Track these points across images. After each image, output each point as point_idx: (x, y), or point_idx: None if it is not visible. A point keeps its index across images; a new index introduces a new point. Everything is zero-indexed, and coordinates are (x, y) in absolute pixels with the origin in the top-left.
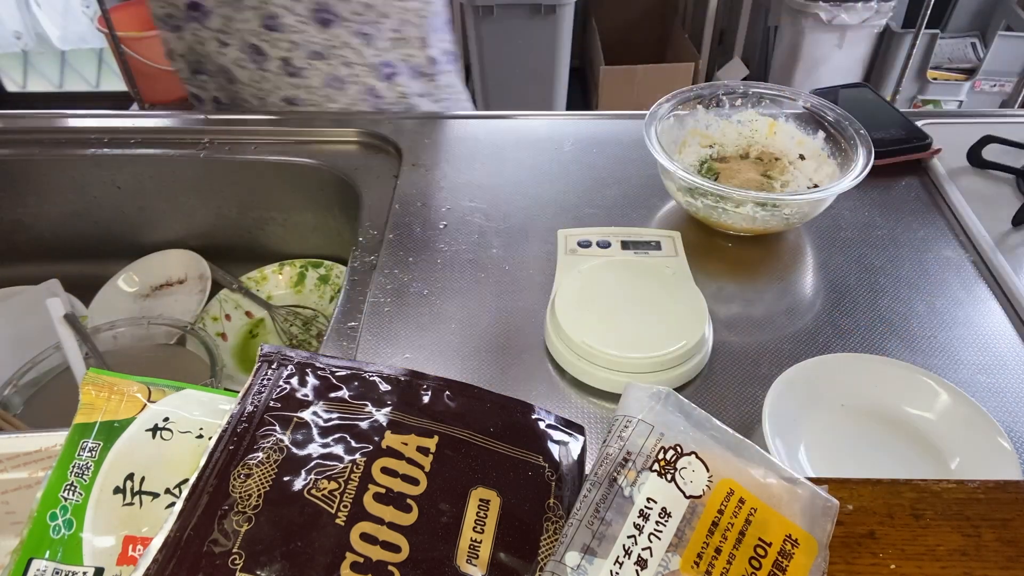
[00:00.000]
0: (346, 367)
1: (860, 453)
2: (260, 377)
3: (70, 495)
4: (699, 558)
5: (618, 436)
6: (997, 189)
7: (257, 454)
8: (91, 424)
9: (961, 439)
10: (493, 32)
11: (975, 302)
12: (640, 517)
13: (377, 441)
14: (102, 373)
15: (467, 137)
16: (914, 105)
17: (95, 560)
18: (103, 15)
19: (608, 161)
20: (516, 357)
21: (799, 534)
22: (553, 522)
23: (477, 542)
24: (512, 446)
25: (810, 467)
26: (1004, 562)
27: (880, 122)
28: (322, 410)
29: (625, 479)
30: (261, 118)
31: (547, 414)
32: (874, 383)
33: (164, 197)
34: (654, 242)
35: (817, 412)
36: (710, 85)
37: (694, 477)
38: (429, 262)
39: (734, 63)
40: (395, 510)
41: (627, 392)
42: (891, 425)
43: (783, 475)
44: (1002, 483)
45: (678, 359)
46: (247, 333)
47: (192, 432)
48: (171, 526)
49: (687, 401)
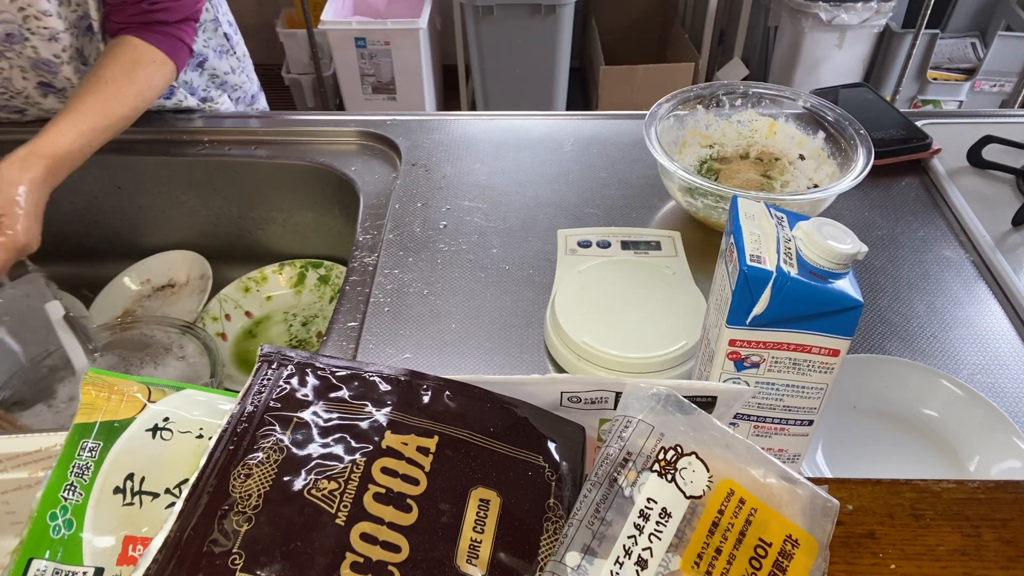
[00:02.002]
0: (346, 367)
1: (877, 454)
2: (260, 377)
3: (70, 495)
4: (699, 558)
5: (618, 436)
6: (997, 189)
7: (257, 454)
8: (91, 424)
9: (978, 439)
10: (493, 32)
11: (975, 302)
12: (640, 517)
13: (377, 441)
14: (102, 373)
15: (467, 137)
16: (914, 105)
17: (95, 560)
18: None
19: (608, 161)
20: (516, 357)
21: (799, 534)
22: (553, 522)
23: (477, 542)
24: (512, 446)
25: (828, 469)
26: (1004, 562)
27: (880, 122)
28: (322, 410)
29: (625, 479)
30: (261, 118)
31: (547, 414)
32: (886, 384)
33: (164, 197)
34: (654, 242)
35: (829, 413)
36: (710, 85)
37: (694, 477)
38: (429, 262)
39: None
40: (395, 510)
41: (627, 392)
42: (906, 426)
43: (783, 475)
44: (1002, 483)
45: (678, 359)
46: (247, 333)
47: (192, 432)
48: (171, 526)
49: (687, 401)
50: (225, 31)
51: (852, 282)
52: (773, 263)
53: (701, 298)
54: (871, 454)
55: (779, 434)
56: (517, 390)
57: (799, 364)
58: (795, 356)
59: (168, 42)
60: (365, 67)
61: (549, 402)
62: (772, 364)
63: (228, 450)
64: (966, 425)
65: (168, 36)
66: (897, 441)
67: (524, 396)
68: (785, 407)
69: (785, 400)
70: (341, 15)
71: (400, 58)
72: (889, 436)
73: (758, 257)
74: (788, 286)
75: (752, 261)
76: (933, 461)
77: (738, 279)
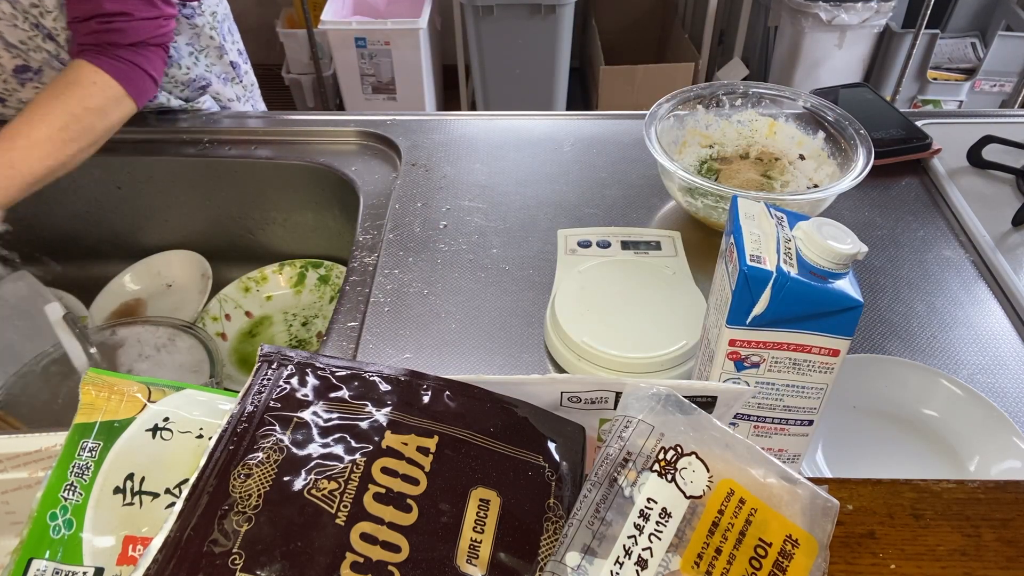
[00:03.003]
0: (346, 367)
1: (877, 454)
2: (260, 377)
3: (70, 495)
4: (699, 558)
5: (618, 436)
6: (997, 189)
7: (257, 454)
8: (91, 424)
9: (978, 439)
10: (493, 32)
11: (975, 302)
12: (640, 517)
13: (377, 441)
14: (102, 373)
15: (467, 137)
16: (914, 105)
17: (95, 560)
18: None
19: (608, 161)
20: (516, 357)
21: (799, 534)
22: (553, 522)
23: (477, 542)
24: (512, 446)
25: (828, 469)
26: (1004, 562)
27: (880, 122)
28: (322, 410)
29: (625, 479)
30: (261, 118)
31: (547, 414)
32: (886, 384)
33: (164, 197)
34: (654, 242)
35: (829, 413)
36: (710, 85)
37: (694, 477)
38: (429, 262)
39: (734, 63)
40: (395, 510)
41: (627, 392)
42: (906, 426)
43: (783, 475)
44: (1002, 483)
45: (678, 359)
46: (247, 333)
47: (192, 432)
48: (171, 526)
49: (687, 401)
50: (232, 59)
51: (852, 282)
52: (773, 263)
53: (701, 298)
54: (871, 454)
55: (779, 434)
56: (517, 390)
57: (799, 364)
58: (795, 356)
59: (118, 66)
60: (365, 67)
61: (549, 402)
62: (772, 364)
63: (228, 450)
64: (966, 425)
65: (119, 60)
66: (897, 441)
67: (524, 396)
68: (785, 407)
69: (785, 400)
70: (341, 15)
71: (400, 58)
72: (889, 436)
73: (758, 257)
74: (788, 286)
75: (752, 261)
76: (933, 461)
77: (738, 279)
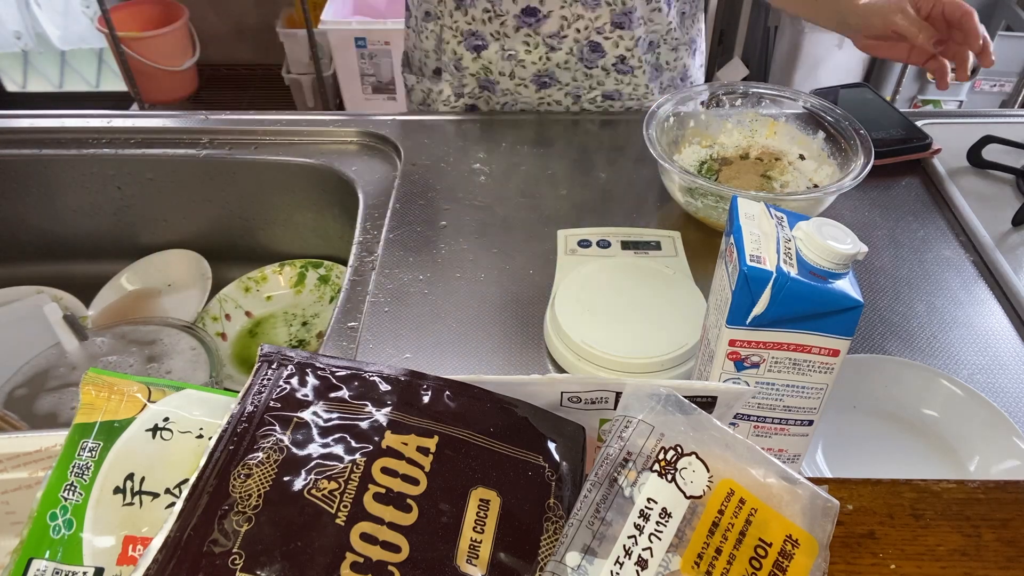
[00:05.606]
0: (346, 367)
1: (877, 454)
2: (260, 377)
3: (70, 495)
4: (699, 558)
5: (618, 436)
6: (997, 189)
7: (257, 454)
8: (91, 424)
9: (978, 439)
10: None
11: (975, 302)
12: (640, 517)
13: (377, 441)
14: (102, 373)
15: (467, 137)
16: (914, 105)
17: (95, 560)
18: (103, 15)
19: (608, 161)
20: (516, 357)
21: (799, 534)
22: (553, 522)
23: (477, 542)
24: (512, 446)
25: (828, 469)
26: (1004, 562)
27: (880, 122)
28: (322, 410)
29: (625, 479)
30: (261, 118)
31: (547, 414)
32: (886, 384)
33: (164, 197)
34: (654, 242)
35: (829, 413)
36: (710, 85)
37: (694, 477)
38: (429, 262)
39: (734, 63)
40: (395, 510)
41: (627, 392)
42: (906, 426)
43: (783, 475)
44: (1002, 483)
45: (678, 359)
46: (247, 333)
47: (192, 432)
48: (171, 526)
49: (687, 401)
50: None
51: (852, 282)
52: (773, 263)
53: (701, 298)
54: (871, 454)
55: (779, 434)
56: (517, 390)
57: (799, 364)
58: (795, 356)
59: None
60: (365, 67)
61: (549, 402)
62: (772, 364)
63: (228, 450)
64: (966, 425)
65: None
66: (897, 441)
67: (524, 396)
68: (785, 407)
69: (785, 400)
70: (341, 15)
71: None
72: (889, 436)
73: (758, 257)
74: (788, 286)
75: (752, 261)
76: (933, 461)
77: (738, 279)
